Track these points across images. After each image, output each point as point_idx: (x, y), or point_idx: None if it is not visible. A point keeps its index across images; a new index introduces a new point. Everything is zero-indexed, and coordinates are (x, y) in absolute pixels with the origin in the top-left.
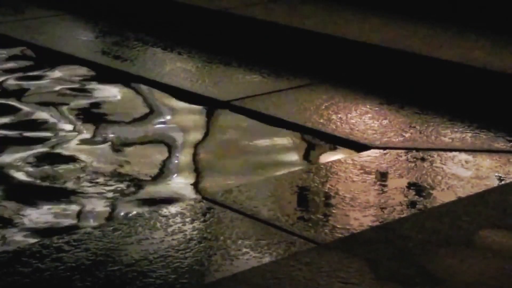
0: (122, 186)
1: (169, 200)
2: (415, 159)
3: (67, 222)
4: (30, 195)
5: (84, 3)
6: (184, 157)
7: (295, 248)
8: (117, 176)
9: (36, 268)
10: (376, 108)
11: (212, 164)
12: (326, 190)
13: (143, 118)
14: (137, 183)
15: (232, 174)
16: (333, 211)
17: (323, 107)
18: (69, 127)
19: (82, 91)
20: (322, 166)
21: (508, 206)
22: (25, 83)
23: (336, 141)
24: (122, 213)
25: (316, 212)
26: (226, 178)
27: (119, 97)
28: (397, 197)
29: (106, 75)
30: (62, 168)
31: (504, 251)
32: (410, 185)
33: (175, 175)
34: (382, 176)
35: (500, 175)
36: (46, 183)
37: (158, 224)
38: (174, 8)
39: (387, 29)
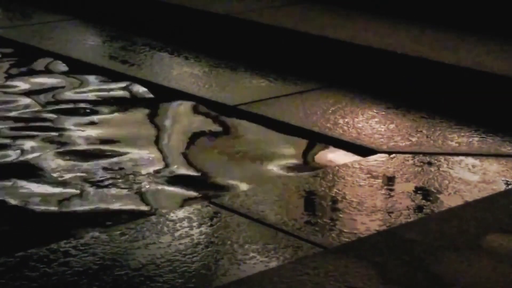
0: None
1: (176, 204)
2: (422, 163)
3: None
4: None
5: (92, 8)
6: (191, 160)
7: (302, 252)
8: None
9: (44, 273)
10: (383, 112)
11: (219, 168)
12: (333, 194)
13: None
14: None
15: (239, 178)
16: (340, 215)
17: (330, 111)
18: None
19: None
20: (329, 170)
21: None
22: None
23: (343, 145)
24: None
25: (323, 217)
26: (233, 182)
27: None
28: (404, 202)
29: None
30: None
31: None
32: (417, 190)
33: (181, 178)
34: (389, 180)
35: (507, 179)
36: None
37: (165, 229)
38: (181, 12)
39: (394, 34)
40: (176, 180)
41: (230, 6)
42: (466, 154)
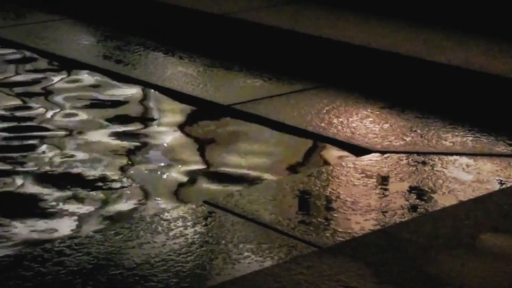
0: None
1: (171, 204)
2: (416, 163)
3: None
4: None
5: (86, 7)
6: (185, 160)
7: (296, 252)
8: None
9: (38, 272)
10: (377, 112)
11: (213, 168)
12: (327, 194)
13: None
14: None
15: (233, 178)
16: (335, 215)
17: (324, 111)
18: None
19: None
20: (323, 170)
21: (509, 210)
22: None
23: (337, 145)
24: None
25: (317, 216)
26: (227, 182)
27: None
28: (398, 201)
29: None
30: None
31: (505, 254)
32: (411, 189)
33: (175, 178)
34: (383, 180)
35: (501, 178)
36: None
37: (160, 228)
38: (176, 12)
39: (389, 34)
40: (169, 178)
41: (224, 6)
42: (460, 154)
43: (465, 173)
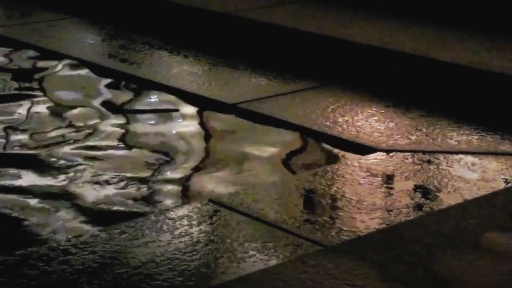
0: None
1: (176, 202)
2: (421, 162)
3: None
4: None
5: (91, 6)
6: (189, 158)
7: (301, 250)
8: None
9: (43, 271)
10: (382, 111)
11: (218, 167)
12: (333, 193)
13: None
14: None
15: (238, 176)
16: (340, 213)
17: (329, 109)
18: None
19: None
20: (328, 168)
21: None
22: None
23: (342, 144)
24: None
25: (322, 215)
26: (233, 181)
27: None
28: (403, 200)
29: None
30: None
31: (511, 253)
32: (416, 188)
33: (180, 176)
34: (388, 178)
35: (506, 177)
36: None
37: (165, 227)
38: (180, 11)
39: (394, 32)
40: (174, 177)
41: (229, 5)
42: (466, 152)
43: (471, 171)
